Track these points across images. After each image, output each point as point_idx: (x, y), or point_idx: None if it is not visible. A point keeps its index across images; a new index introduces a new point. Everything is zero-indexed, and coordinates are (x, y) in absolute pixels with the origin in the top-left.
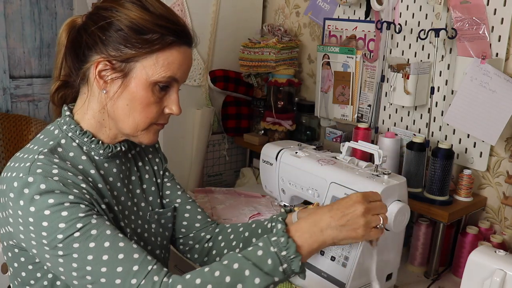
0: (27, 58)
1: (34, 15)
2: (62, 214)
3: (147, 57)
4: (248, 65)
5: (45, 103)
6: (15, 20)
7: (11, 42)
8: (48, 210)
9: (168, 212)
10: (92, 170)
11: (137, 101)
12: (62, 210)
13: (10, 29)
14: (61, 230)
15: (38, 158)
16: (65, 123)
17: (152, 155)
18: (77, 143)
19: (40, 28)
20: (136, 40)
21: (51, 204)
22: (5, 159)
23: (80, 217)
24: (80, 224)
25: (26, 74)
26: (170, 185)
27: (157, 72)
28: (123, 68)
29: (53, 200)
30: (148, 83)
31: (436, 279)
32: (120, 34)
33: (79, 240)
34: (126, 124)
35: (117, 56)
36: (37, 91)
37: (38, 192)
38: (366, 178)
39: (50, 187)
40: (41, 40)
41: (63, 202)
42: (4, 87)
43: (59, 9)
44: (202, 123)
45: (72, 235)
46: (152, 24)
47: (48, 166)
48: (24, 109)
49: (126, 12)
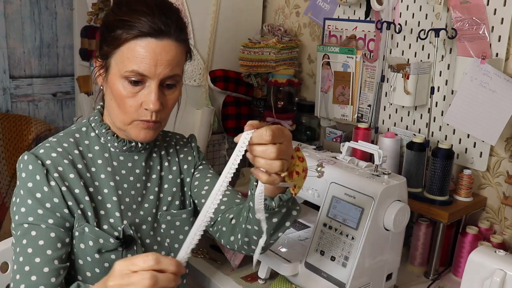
0: (27, 58)
1: (34, 15)
2: (28, 202)
3: (117, 52)
4: (248, 65)
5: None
6: (15, 20)
7: (11, 42)
8: (23, 191)
9: (183, 214)
10: (100, 160)
11: (115, 96)
12: (30, 198)
13: (10, 29)
14: (20, 213)
15: (51, 140)
16: (92, 115)
17: (184, 155)
18: (96, 133)
19: (40, 28)
20: (108, 37)
21: (28, 187)
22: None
23: (38, 213)
24: (31, 219)
25: (26, 74)
26: (199, 175)
27: (124, 66)
28: (105, 64)
29: (31, 185)
30: (118, 78)
31: (436, 279)
32: (101, 34)
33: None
34: (115, 117)
35: (100, 54)
36: (37, 91)
37: (25, 171)
38: (366, 178)
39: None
40: (41, 40)
41: (35, 192)
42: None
43: (59, 9)
44: (202, 123)
45: (21, 223)
46: (119, 20)
47: (51, 148)
48: (24, 109)
49: (108, 12)
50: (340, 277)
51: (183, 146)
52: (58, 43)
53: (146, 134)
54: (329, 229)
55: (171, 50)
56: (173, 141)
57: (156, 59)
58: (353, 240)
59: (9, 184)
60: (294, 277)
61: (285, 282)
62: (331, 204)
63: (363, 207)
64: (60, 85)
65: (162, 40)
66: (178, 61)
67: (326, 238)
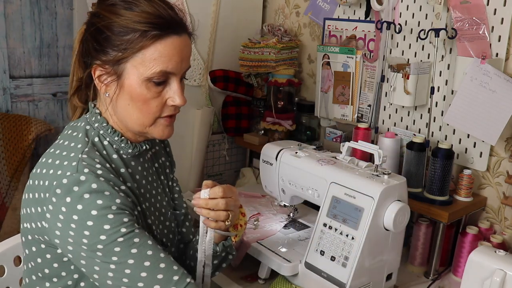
0: (27, 58)
1: (34, 15)
2: (109, 217)
3: (134, 56)
4: (248, 65)
5: (45, 103)
6: (15, 20)
7: (11, 42)
8: (95, 211)
9: (182, 216)
10: (122, 168)
11: (136, 100)
12: (109, 213)
13: (10, 29)
14: (105, 232)
15: (82, 158)
16: (96, 121)
17: (164, 158)
18: (108, 141)
19: (40, 28)
20: (120, 42)
21: (99, 205)
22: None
23: (125, 222)
24: (124, 229)
25: (26, 74)
26: (178, 190)
27: (148, 68)
28: (116, 70)
29: (101, 202)
30: (141, 81)
31: (436, 279)
32: (104, 37)
33: (122, 245)
34: (133, 122)
35: (108, 60)
36: (37, 91)
37: (88, 191)
38: (366, 178)
39: (101, 188)
40: (41, 40)
41: (110, 205)
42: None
43: (59, 9)
44: (202, 123)
45: (115, 239)
46: (132, 22)
47: (93, 166)
48: (24, 109)
49: (109, 16)
50: (340, 277)
51: (160, 148)
52: (58, 43)
53: (170, 131)
54: (329, 229)
55: (188, 44)
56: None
57: (181, 56)
58: (353, 240)
59: (9, 184)
60: (294, 277)
61: (285, 282)
62: (331, 204)
63: (363, 207)
64: (60, 85)
65: (182, 35)
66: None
67: (326, 238)
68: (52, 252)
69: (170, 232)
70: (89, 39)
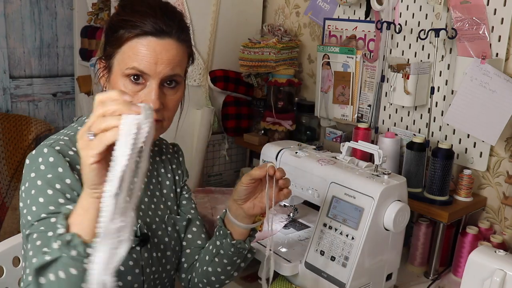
0: (27, 58)
1: (34, 15)
2: (48, 192)
3: (119, 51)
4: (248, 65)
5: (45, 103)
6: (15, 20)
7: (11, 42)
8: (40, 181)
9: (184, 221)
10: None
11: None
12: (49, 189)
13: (10, 29)
14: (37, 204)
15: (62, 138)
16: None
17: (176, 166)
18: None
19: (40, 28)
20: (112, 38)
21: (47, 178)
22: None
23: (58, 202)
24: (52, 207)
25: (26, 74)
26: (187, 197)
27: (125, 64)
28: (108, 65)
29: (50, 175)
30: (120, 76)
31: (436, 279)
32: (105, 35)
33: (41, 222)
34: None
35: (104, 55)
36: (37, 91)
37: (45, 163)
38: (366, 178)
39: (56, 163)
40: (41, 40)
41: (56, 182)
42: (4, 87)
43: (59, 9)
44: (202, 123)
45: (40, 216)
46: (121, 20)
47: (67, 146)
48: (24, 109)
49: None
50: (340, 277)
51: (172, 155)
52: (58, 43)
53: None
54: (329, 229)
55: (171, 49)
56: (163, 147)
57: (156, 58)
58: (353, 240)
59: (9, 184)
60: (294, 277)
61: (285, 282)
62: (331, 204)
63: (363, 207)
64: (60, 85)
65: (163, 39)
66: (179, 61)
67: (326, 238)
68: None
69: (166, 235)
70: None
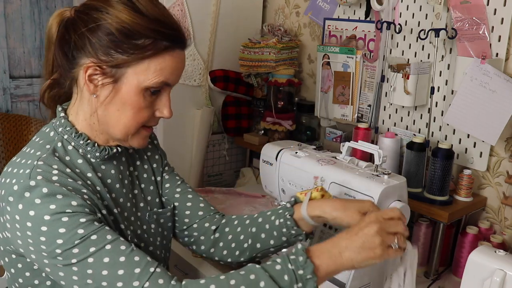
0: (27, 58)
1: (34, 15)
2: (63, 220)
3: (139, 63)
4: (248, 65)
5: None
6: (15, 20)
7: (11, 42)
8: (48, 216)
9: (168, 212)
10: (89, 173)
11: (128, 106)
12: (63, 216)
13: (10, 29)
14: (60, 235)
15: (37, 164)
16: (60, 125)
17: (151, 153)
18: (73, 146)
19: (40, 28)
20: (127, 46)
21: (52, 209)
22: (5, 159)
23: (81, 223)
24: (81, 231)
25: (26, 74)
26: (168, 177)
27: (149, 77)
28: (114, 73)
29: (54, 206)
30: (139, 89)
31: (436, 279)
32: (110, 38)
33: (80, 246)
34: (117, 129)
35: (108, 61)
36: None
37: (39, 196)
38: (366, 178)
39: (52, 192)
40: (41, 40)
41: (64, 209)
42: (4, 87)
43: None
44: (202, 123)
45: (73, 241)
46: (145, 28)
47: (48, 172)
48: (24, 109)
49: (117, 15)
50: (340, 277)
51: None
52: None
53: (146, 141)
54: (329, 229)
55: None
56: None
57: (182, 70)
58: None
59: None
60: None
61: None
62: None
63: None
64: None
65: (184, 51)
66: None
67: (326, 238)
68: (22, 262)
69: (151, 235)
70: (84, 34)
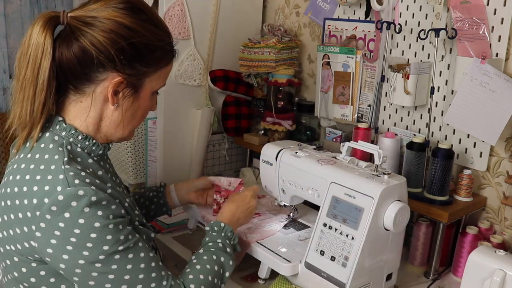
0: None
1: (34, 15)
2: (110, 227)
3: (155, 72)
4: (248, 65)
5: None
6: (15, 20)
7: (11, 42)
8: (98, 223)
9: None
10: (99, 171)
11: (141, 110)
12: (110, 223)
13: (10, 29)
14: (107, 242)
15: (66, 168)
16: (62, 129)
17: None
18: (80, 147)
19: None
20: (149, 58)
21: (100, 216)
22: (5, 159)
23: (121, 229)
24: (122, 237)
25: None
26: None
27: (159, 83)
28: (136, 84)
29: (101, 212)
30: (151, 94)
31: (436, 279)
32: (138, 53)
33: (122, 252)
34: (126, 130)
35: (133, 74)
36: None
37: (88, 204)
38: (366, 178)
39: (99, 199)
40: None
41: (109, 214)
42: (4, 87)
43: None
44: (202, 123)
45: (116, 248)
46: (160, 41)
47: (80, 175)
48: None
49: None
50: (340, 277)
51: None
52: None
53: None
54: (329, 229)
55: None
56: None
57: None
58: (353, 240)
59: None
60: (294, 277)
61: (285, 282)
62: (331, 204)
63: (363, 207)
64: None
65: None
66: None
67: (326, 238)
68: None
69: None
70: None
